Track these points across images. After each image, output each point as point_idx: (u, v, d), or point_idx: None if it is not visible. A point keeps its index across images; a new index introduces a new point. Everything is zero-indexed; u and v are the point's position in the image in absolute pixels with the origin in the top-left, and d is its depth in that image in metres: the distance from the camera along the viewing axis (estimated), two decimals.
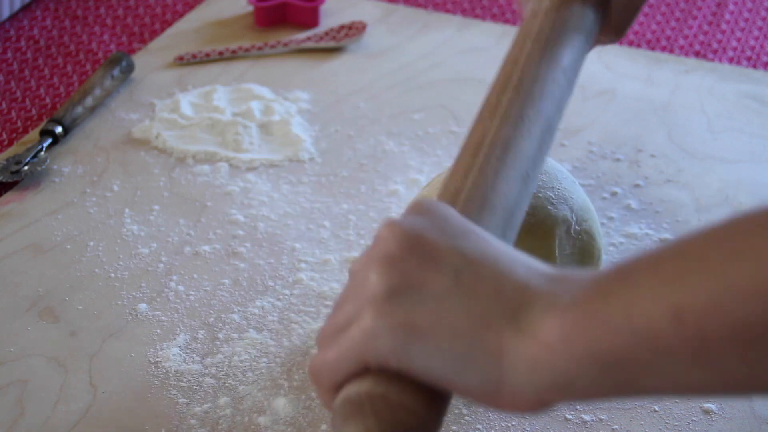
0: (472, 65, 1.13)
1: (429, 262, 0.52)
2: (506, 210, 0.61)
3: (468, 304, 0.51)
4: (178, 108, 1.04)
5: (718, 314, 0.45)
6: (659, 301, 0.46)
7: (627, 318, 0.47)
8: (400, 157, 0.99)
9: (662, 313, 0.46)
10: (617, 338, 0.47)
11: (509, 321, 0.50)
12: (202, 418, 0.74)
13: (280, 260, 0.87)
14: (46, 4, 1.23)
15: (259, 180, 0.96)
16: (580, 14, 0.75)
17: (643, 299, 0.47)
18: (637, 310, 0.47)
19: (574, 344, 0.48)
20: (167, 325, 0.81)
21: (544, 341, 0.49)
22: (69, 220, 0.92)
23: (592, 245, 0.81)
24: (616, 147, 1.01)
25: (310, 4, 1.18)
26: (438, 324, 0.51)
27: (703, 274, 0.46)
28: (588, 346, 0.48)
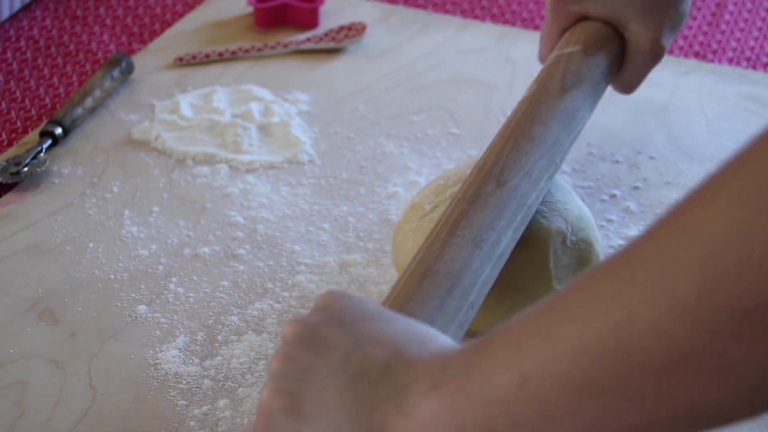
0: (472, 66, 1.13)
1: (321, 350, 0.56)
2: (451, 273, 0.65)
3: (355, 384, 0.54)
4: (178, 109, 1.04)
5: (550, 376, 0.47)
6: (507, 371, 0.49)
7: (483, 391, 0.50)
8: (399, 159, 1.00)
9: (510, 381, 0.49)
10: (478, 411, 0.50)
11: (393, 402, 0.53)
12: (201, 420, 0.74)
13: (279, 262, 0.88)
14: (46, 4, 1.23)
15: (259, 182, 0.96)
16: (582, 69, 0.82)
17: (495, 370, 0.50)
18: (490, 382, 0.50)
19: (443, 421, 0.51)
20: (166, 327, 0.82)
21: (420, 420, 0.52)
22: (69, 221, 0.92)
23: (590, 253, 0.81)
24: (615, 149, 1.01)
25: (310, 5, 1.18)
26: (324, 406, 0.55)
27: (537, 338, 0.48)
28: (456, 422, 0.51)
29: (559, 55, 0.83)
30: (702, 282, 0.43)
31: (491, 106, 1.07)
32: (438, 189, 0.83)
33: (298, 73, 1.11)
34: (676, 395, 0.45)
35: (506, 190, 0.71)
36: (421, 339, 0.56)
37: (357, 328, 0.57)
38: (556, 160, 0.77)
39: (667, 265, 0.44)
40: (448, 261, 0.66)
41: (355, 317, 0.58)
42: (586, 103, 0.81)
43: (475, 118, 1.05)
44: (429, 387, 0.52)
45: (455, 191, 0.81)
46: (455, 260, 0.66)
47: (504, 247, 0.70)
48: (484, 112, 1.06)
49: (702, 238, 0.44)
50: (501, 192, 0.71)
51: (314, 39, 1.16)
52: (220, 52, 1.14)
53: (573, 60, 0.83)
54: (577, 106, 0.80)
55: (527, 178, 0.73)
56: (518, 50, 1.15)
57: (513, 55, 1.15)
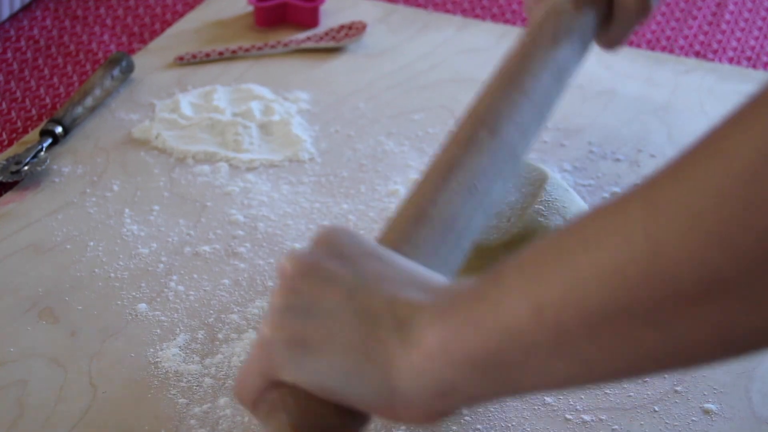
0: (472, 65, 1.13)
1: (323, 283, 0.55)
2: (445, 219, 0.64)
3: (359, 319, 0.53)
4: (178, 108, 1.04)
5: (570, 304, 0.46)
6: (522, 299, 0.48)
7: (495, 319, 0.49)
8: (399, 158, 0.99)
9: (525, 309, 0.48)
10: (489, 340, 0.49)
11: (397, 334, 0.52)
12: (201, 419, 0.74)
13: (279, 260, 0.87)
14: (46, 4, 1.23)
15: (259, 180, 0.96)
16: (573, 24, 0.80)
17: (509, 298, 0.49)
18: (503, 310, 0.48)
19: (451, 350, 0.50)
20: (167, 326, 0.82)
21: (425, 350, 0.51)
22: (69, 220, 0.92)
23: None
24: (616, 147, 1.01)
25: (310, 4, 1.18)
26: (329, 338, 0.54)
27: (557, 267, 0.47)
28: (464, 351, 0.50)
29: (549, 10, 0.83)
30: (739, 206, 0.42)
31: None
32: None
33: (299, 72, 1.11)
34: (709, 323, 0.44)
35: (499, 139, 0.70)
36: (423, 277, 0.55)
37: (359, 264, 0.56)
38: (545, 112, 0.76)
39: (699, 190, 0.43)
40: (441, 205, 0.65)
41: (356, 253, 0.57)
42: (575, 57, 0.81)
43: None
44: (435, 316, 0.52)
45: None
46: (449, 205, 0.65)
47: (495, 196, 0.69)
48: None
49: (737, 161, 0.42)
50: (493, 140, 0.70)
51: (314, 38, 1.16)
52: (220, 51, 1.14)
53: (564, 14, 0.82)
54: (567, 58, 0.79)
55: (518, 129, 0.72)
56: None
57: None
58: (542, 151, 1.00)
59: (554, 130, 1.02)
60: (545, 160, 0.98)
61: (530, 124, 0.74)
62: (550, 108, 0.77)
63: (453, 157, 0.69)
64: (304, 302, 0.55)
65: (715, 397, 0.76)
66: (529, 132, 0.73)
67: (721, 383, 0.77)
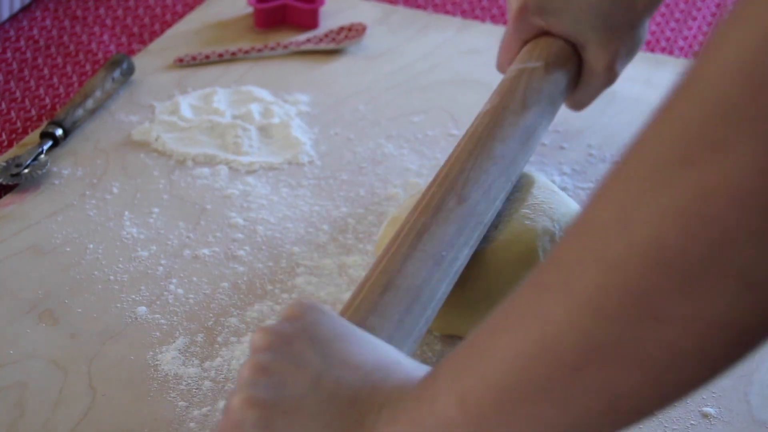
0: (472, 67, 1.13)
1: (292, 365, 0.58)
2: (411, 291, 0.67)
3: (325, 409, 0.56)
4: (178, 110, 1.04)
5: (485, 391, 0.50)
6: (450, 394, 0.52)
7: (431, 416, 0.53)
8: (399, 160, 1.00)
9: (452, 404, 0.51)
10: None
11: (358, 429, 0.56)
12: (201, 422, 0.74)
13: (279, 264, 0.88)
14: (46, 5, 1.23)
15: (259, 183, 0.96)
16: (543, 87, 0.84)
17: (441, 395, 0.52)
18: (437, 408, 0.52)
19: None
20: (166, 328, 0.82)
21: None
22: (69, 222, 0.92)
23: None
24: (615, 150, 1.01)
25: (310, 6, 1.18)
26: (295, 425, 0.57)
27: (473, 357, 0.51)
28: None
29: (521, 69, 0.86)
30: (597, 273, 0.45)
31: None
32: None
33: (298, 74, 1.11)
34: (596, 388, 0.46)
35: (467, 207, 0.73)
36: (387, 365, 0.58)
37: (329, 347, 0.58)
38: (512, 179, 0.79)
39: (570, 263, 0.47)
40: (408, 276, 0.68)
41: (327, 335, 0.59)
42: (544, 121, 0.84)
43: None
44: (389, 418, 0.55)
45: None
46: (415, 276, 0.68)
47: (460, 264, 0.72)
48: None
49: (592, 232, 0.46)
50: (461, 208, 0.73)
51: (314, 40, 1.16)
52: (220, 53, 1.14)
53: (535, 76, 0.85)
54: (536, 124, 0.83)
55: (486, 196, 0.75)
56: None
57: None
58: (542, 154, 1.00)
59: (553, 133, 1.02)
60: (544, 163, 0.99)
61: (498, 190, 0.77)
62: (516, 172, 0.80)
63: (422, 226, 0.71)
64: (273, 382, 0.58)
65: (714, 400, 0.76)
66: (496, 197, 0.76)
67: (719, 387, 0.77)
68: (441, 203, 0.73)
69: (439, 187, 0.75)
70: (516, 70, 0.86)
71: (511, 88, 0.84)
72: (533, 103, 0.82)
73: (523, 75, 0.85)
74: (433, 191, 0.74)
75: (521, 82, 0.84)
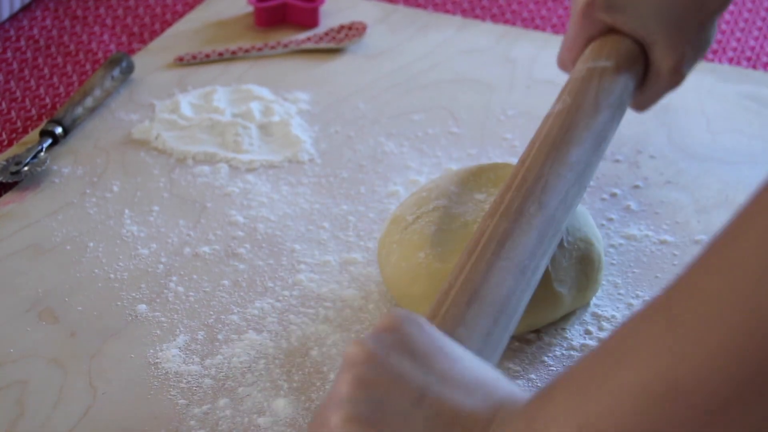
0: (472, 66, 1.13)
1: (393, 380, 0.56)
2: (498, 302, 0.65)
3: (428, 427, 0.55)
4: (178, 109, 1.04)
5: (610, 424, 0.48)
6: (567, 419, 0.50)
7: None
8: (399, 158, 0.99)
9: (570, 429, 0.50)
10: None
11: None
12: (201, 420, 0.74)
13: (279, 261, 0.88)
14: (46, 4, 1.23)
15: (259, 181, 0.96)
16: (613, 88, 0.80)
17: (555, 421, 0.51)
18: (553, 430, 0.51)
19: None
20: (167, 326, 0.82)
21: None
22: (69, 220, 0.92)
23: (591, 251, 0.81)
24: (615, 148, 1.01)
25: (310, 5, 1.18)
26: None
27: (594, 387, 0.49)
28: None
29: (591, 69, 0.82)
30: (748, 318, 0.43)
31: (491, 105, 1.07)
32: (420, 201, 0.83)
33: (298, 73, 1.11)
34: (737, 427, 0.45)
35: (546, 215, 0.71)
36: (487, 381, 0.57)
37: (429, 362, 0.57)
38: (585, 185, 0.76)
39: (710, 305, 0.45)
40: (494, 287, 0.66)
41: (426, 349, 0.57)
42: (614, 124, 0.81)
43: (475, 118, 1.05)
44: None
45: (438, 204, 0.81)
46: (501, 286, 0.66)
47: (539, 274, 0.70)
48: (484, 111, 1.06)
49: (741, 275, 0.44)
50: (542, 216, 0.71)
51: (314, 39, 1.16)
52: (220, 51, 1.14)
53: (606, 76, 0.81)
54: (607, 127, 0.79)
55: (563, 204, 0.73)
56: (518, 50, 1.15)
57: (513, 55, 1.15)
58: None
59: None
60: None
61: (573, 197, 0.74)
62: (589, 178, 0.77)
63: (503, 231, 0.69)
64: (374, 397, 0.56)
65: None
66: (572, 205, 0.74)
67: None
68: (521, 209, 0.70)
69: (518, 191, 0.72)
70: (585, 69, 0.82)
71: (582, 89, 0.80)
72: (605, 104, 0.79)
73: (594, 75, 0.81)
74: (511, 196, 0.72)
75: (593, 82, 0.80)
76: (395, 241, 0.82)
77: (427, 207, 0.82)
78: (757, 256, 0.43)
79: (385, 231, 0.84)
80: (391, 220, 0.84)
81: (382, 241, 0.84)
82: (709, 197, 0.95)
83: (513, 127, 1.04)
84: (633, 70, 0.83)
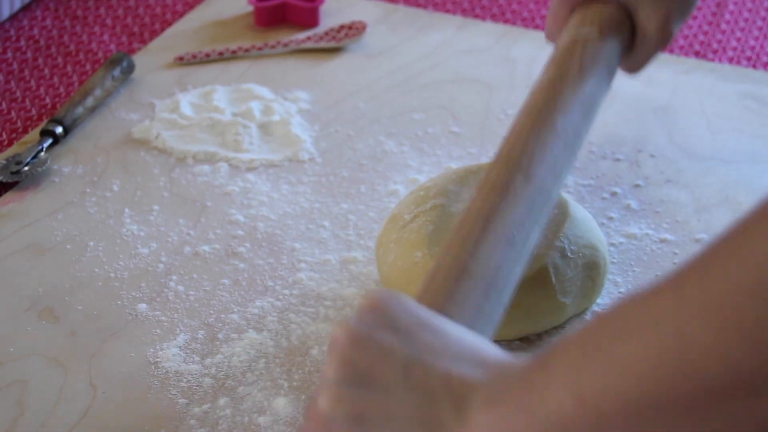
0: (472, 65, 1.13)
1: (378, 356, 0.56)
2: (487, 276, 0.64)
3: (416, 396, 0.55)
4: (178, 108, 1.04)
5: (609, 395, 0.48)
6: (566, 388, 0.50)
7: (542, 407, 0.51)
8: (399, 158, 0.99)
9: (568, 398, 0.50)
10: (534, 427, 0.51)
11: (453, 413, 0.54)
12: (201, 419, 0.74)
13: (279, 260, 0.87)
14: (46, 4, 1.23)
15: (259, 180, 0.96)
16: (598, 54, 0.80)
17: (554, 387, 0.51)
18: (549, 398, 0.51)
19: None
20: (167, 325, 0.82)
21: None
22: (69, 220, 0.92)
23: (596, 256, 0.81)
24: (616, 147, 1.01)
25: (310, 4, 1.18)
26: (388, 415, 0.55)
27: (597, 356, 0.49)
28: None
29: (575, 37, 0.81)
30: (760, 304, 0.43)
31: (491, 105, 1.07)
32: (418, 199, 0.83)
33: (299, 72, 1.11)
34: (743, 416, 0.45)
35: (534, 185, 0.70)
36: (476, 351, 0.57)
37: (413, 336, 0.57)
38: (575, 150, 0.75)
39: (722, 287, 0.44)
40: (482, 260, 0.65)
41: (409, 324, 0.57)
42: (602, 90, 0.80)
43: (475, 117, 1.05)
44: (487, 400, 0.53)
45: (436, 203, 0.81)
46: (490, 259, 0.65)
47: (531, 244, 0.69)
48: (484, 111, 1.06)
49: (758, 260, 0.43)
50: (529, 186, 0.70)
51: (314, 38, 1.16)
52: (220, 51, 1.14)
53: (589, 43, 0.81)
54: (595, 92, 0.78)
55: (552, 172, 0.72)
56: (518, 50, 1.15)
57: (513, 54, 1.15)
58: None
59: None
60: None
61: (563, 165, 0.73)
62: (580, 145, 0.76)
63: (490, 205, 0.68)
64: (360, 375, 0.56)
65: None
66: (561, 173, 0.73)
67: None
68: (507, 182, 0.70)
69: (504, 165, 0.71)
70: (569, 37, 0.81)
71: (566, 58, 0.79)
72: (591, 71, 0.79)
73: (577, 43, 0.80)
74: (497, 170, 0.71)
75: (576, 50, 0.80)
76: (393, 240, 0.82)
77: (425, 206, 0.82)
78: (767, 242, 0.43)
79: (383, 230, 0.84)
80: (389, 219, 0.84)
81: (380, 240, 0.84)
82: (710, 196, 0.95)
83: None
84: (619, 34, 0.83)
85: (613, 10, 0.84)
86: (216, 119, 1.02)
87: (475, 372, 0.55)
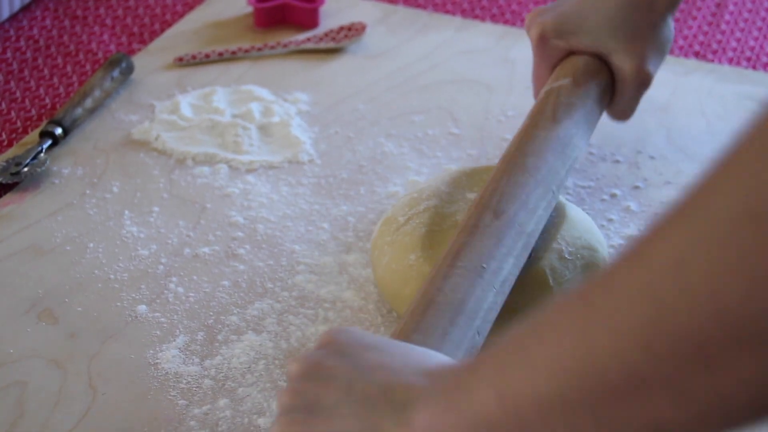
0: (472, 66, 1.13)
1: (324, 381, 0.60)
2: (454, 302, 0.69)
3: (359, 409, 0.58)
4: (178, 109, 1.04)
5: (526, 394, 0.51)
6: (489, 388, 0.53)
7: (469, 407, 0.54)
8: (399, 159, 1.00)
9: (491, 398, 0.52)
10: (464, 425, 0.54)
11: (392, 417, 0.57)
12: (201, 420, 0.74)
13: (279, 262, 0.88)
14: (46, 4, 1.23)
15: (259, 182, 0.96)
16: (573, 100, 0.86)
17: (480, 387, 0.53)
18: (475, 398, 0.53)
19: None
20: (167, 327, 0.82)
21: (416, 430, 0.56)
22: (69, 221, 0.92)
23: (595, 257, 0.81)
24: (615, 149, 1.01)
25: (310, 5, 1.18)
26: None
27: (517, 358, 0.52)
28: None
29: (549, 90, 0.88)
30: (650, 310, 0.45)
31: (491, 106, 1.07)
32: (411, 202, 0.84)
33: (298, 74, 1.11)
34: (638, 416, 0.47)
35: (504, 220, 0.75)
36: (420, 362, 0.60)
37: (358, 358, 0.60)
38: (552, 188, 0.80)
39: (619, 294, 0.47)
40: (448, 292, 0.70)
41: (356, 348, 0.61)
42: (580, 131, 0.86)
43: (474, 118, 1.05)
44: (425, 402, 0.56)
45: (429, 204, 0.82)
46: (456, 290, 0.70)
47: (506, 274, 0.74)
48: (484, 112, 1.06)
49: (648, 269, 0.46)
50: (499, 222, 0.75)
51: (314, 39, 1.16)
52: (219, 52, 1.14)
53: (563, 92, 0.87)
54: (571, 134, 0.84)
55: (524, 207, 0.76)
56: (518, 50, 1.15)
57: (513, 55, 1.15)
58: None
59: None
60: None
61: (537, 200, 0.78)
62: (556, 181, 0.81)
63: (459, 245, 0.73)
64: (308, 401, 0.60)
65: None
66: (537, 207, 0.78)
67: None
68: (477, 222, 0.75)
69: (476, 208, 0.76)
70: (544, 92, 0.88)
71: (540, 106, 0.86)
72: (564, 116, 0.84)
73: (551, 94, 0.87)
74: (470, 213, 0.76)
75: (550, 100, 0.86)
76: (387, 242, 0.82)
77: (418, 208, 0.83)
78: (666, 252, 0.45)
79: (378, 232, 0.84)
80: (383, 222, 0.84)
81: (374, 242, 0.84)
82: None
83: (512, 128, 1.03)
84: (595, 81, 0.89)
85: (588, 60, 0.90)
86: (216, 121, 1.02)
87: (419, 380, 0.58)
